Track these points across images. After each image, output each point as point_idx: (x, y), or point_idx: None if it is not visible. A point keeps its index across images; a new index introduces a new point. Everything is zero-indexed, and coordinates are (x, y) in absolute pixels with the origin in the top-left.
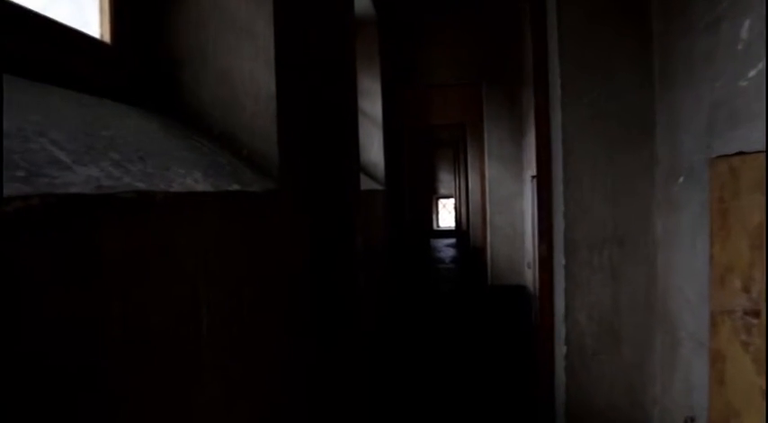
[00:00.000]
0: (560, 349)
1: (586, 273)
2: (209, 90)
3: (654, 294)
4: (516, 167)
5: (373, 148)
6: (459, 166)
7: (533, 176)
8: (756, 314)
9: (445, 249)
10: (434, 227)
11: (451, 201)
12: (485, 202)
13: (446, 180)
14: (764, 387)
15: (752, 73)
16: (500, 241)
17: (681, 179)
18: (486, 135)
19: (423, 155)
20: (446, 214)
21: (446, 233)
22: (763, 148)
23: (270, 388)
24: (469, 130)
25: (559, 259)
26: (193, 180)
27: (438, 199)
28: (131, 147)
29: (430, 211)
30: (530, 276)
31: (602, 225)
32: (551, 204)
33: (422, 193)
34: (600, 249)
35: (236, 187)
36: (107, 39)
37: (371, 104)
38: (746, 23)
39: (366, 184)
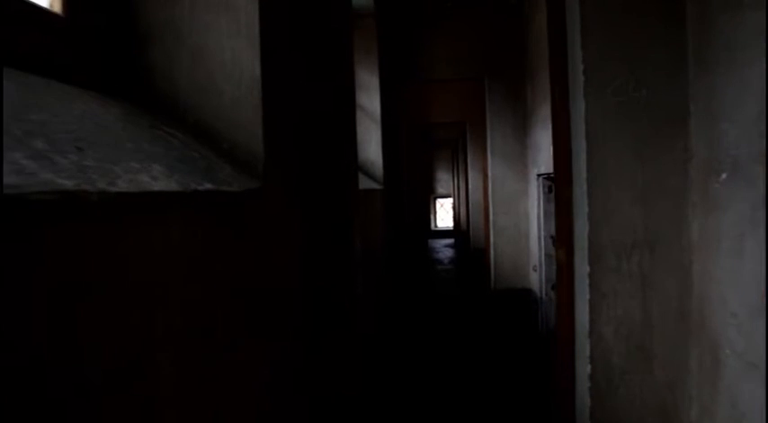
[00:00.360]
0: (583, 368)
1: (613, 281)
2: (183, 72)
3: (689, 305)
4: (520, 166)
5: (371, 145)
6: (458, 166)
7: (540, 175)
8: None
9: (443, 250)
10: (432, 227)
11: (449, 200)
12: (487, 202)
13: (444, 179)
14: None
15: None
16: (504, 243)
17: (723, 176)
18: (488, 132)
19: (421, 154)
20: (444, 214)
21: (444, 233)
22: None
23: (258, 405)
24: (470, 129)
25: (582, 267)
26: (150, 177)
27: (436, 198)
28: (69, 135)
29: (428, 210)
30: (536, 279)
31: (631, 228)
32: (571, 205)
33: (420, 193)
34: (628, 255)
35: (208, 186)
36: (58, 9)
37: (369, 100)
38: None
39: (364, 183)
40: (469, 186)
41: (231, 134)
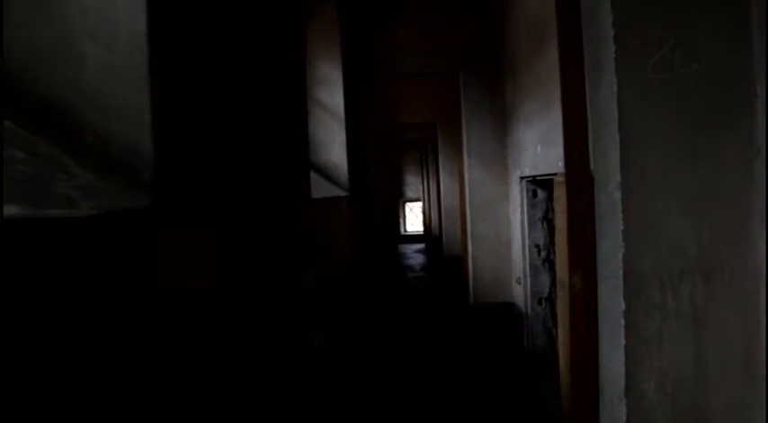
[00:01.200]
0: None
1: (657, 321)
2: (20, 26)
3: (757, 352)
4: (500, 168)
5: (335, 147)
6: (428, 168)
7: (523, 178)
8: None
9: (414, 256)
10: (402, 231)
11: (419, 204)
12: (464, 207)
13: (413, 183)
14: None
15: None
16: (483, 252)
17: None
18: (464, 131)
19: (389, 156)
20: (413, 218)
21: (414, 238)
22: None
23: None
24: (442, 129)
25: (612, 301)
26: None
27: (405, 202)
28: None
29: (397, 215)
30: (520, 292)
31: (681, 249)
32: (591, 218)
33: (389, 197)
34: (677, 285)
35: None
36: None
37: (331, 96)
38: None
39: (325, 189)
40: (441, 190)
41: (100, 121)
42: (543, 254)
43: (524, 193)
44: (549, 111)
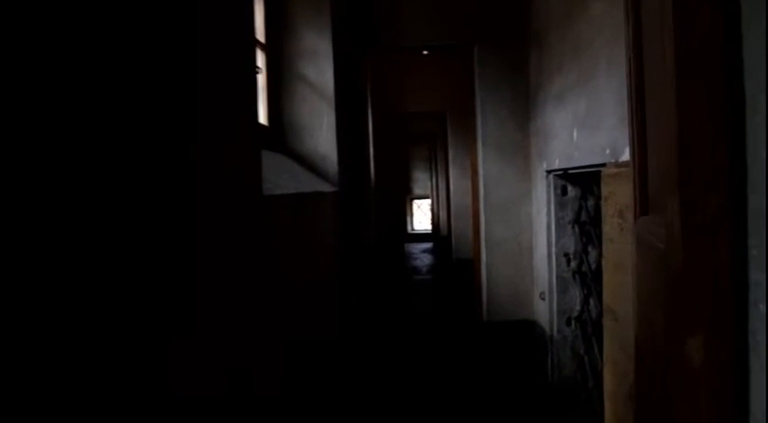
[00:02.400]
0: None
1: None
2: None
3: None
4: (521, 160)
5: (321, 133)
6: (437, 164)
7: (551, 171)
8: None
9: (421, 256)
10: (409, 230)
11: (427, 202)
12: (477, 207)
13: (421, 179)
14: None
15: None
16: (500, 260)
17: None
18: (479, 117)
19: (395, 150)
20: (421, 216)
21: (421, 237)
22: None
23: None
24: (452, 120)
25: None
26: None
27: (412, 200)
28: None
29: (404, 213)
30: (544, 310)
31: None
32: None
33: (395, 194)
34: None
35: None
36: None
37: (318, 71)
38: None
39: (306, 183)
40: (451, 187)
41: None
42: (574, 264)
43: (551, 190)
44: (592, 84)
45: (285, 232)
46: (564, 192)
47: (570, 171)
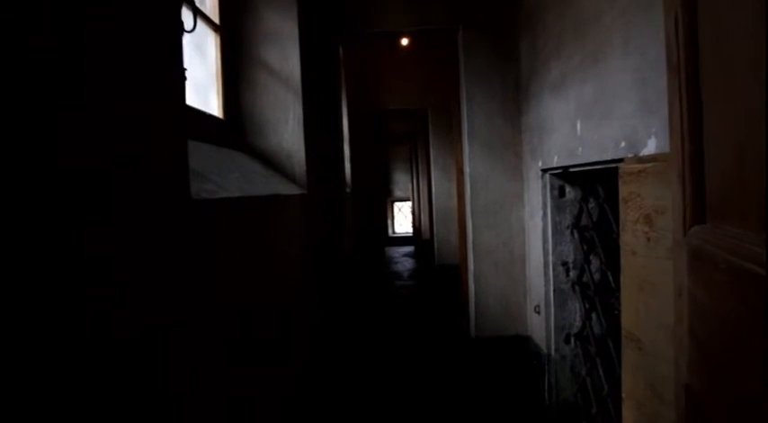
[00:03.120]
0: None
1: None
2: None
3: None
4: (512, 158)
5: (287, 128)
6: (418, 165)
7: (547, 170)
8: None
9: (402, 261)
10: (390, 233)
11: (408, 204)
12: (463, 210)
13: (402, 181)
14: None
15: None
16: (489, 270)
17: None
18: (464, 110)
19: (374, 151)
20: (402, 219)
21: (403, 240)
22: None
23: None
24: (434, 118)
25: None
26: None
27: (393, 202)
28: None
29: (385, 216)
30: (539, 325)
31: None
32: None
33: (374, 197)
34: None
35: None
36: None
37: (282, 57)
38: None
39: (259, 185)
40: (433, 189)
41: None
42: (573, 274)
43: (547, 191)
44: (600, 67)
45: (229, 245)
46: (561, 193)
47: (572, 169)
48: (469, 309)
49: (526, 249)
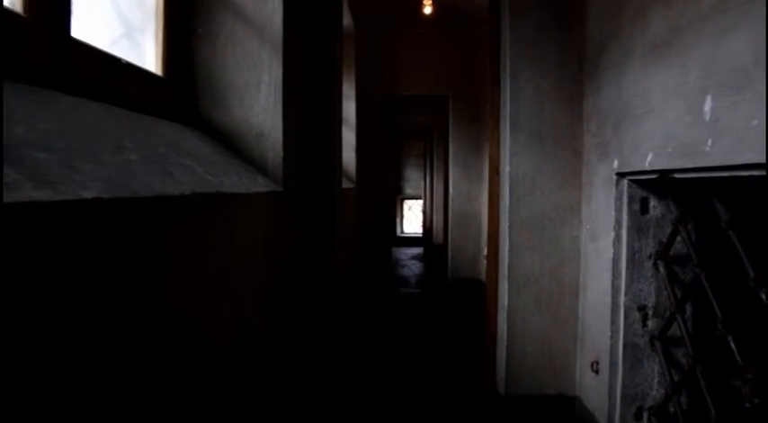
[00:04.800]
0: None
1: None
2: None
3: None
4: (568, 155)
5: (258, 94)
6: (433, 160)
7: (625, 174)
8: None
9: (410, 264)
10: (398, 232)
11: (419, 202)
12: (496, 223)
13: (413, 178)
14: None
15: None
16: (528, 305)
17: None
18: (507, 87)
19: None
20: (412, 217)
21: (411, 240)
22: None
23: None
24: (456, 106)
25: None
26: None
27: (403, 200)
28: None
29: (394, 214)
30: (595, 387)
31: None
32: None
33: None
34: None
35: None
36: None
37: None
38: None
39: (188, 177)
40: (450, 189)
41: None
42: (654, 324)
43: (623, 203)
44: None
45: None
46: (644, 208)
47: (680, 174)
48: (498, 355)
49: (581, 282)
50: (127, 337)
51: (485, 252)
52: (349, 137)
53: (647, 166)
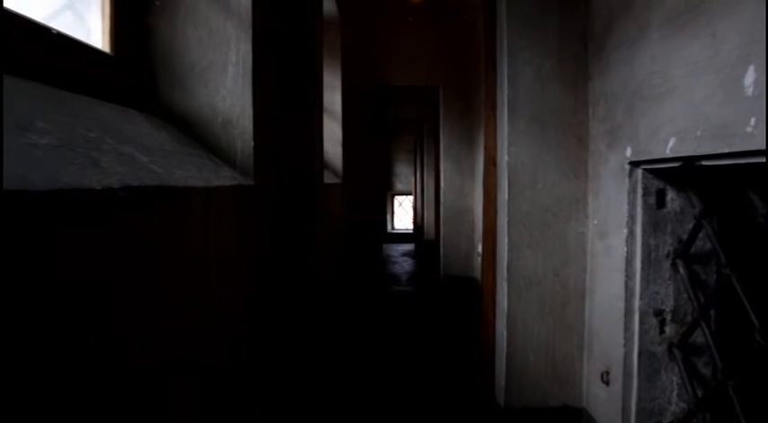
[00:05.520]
0: None
1: None
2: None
3: None
4: (572, 143)
5: (225, 75)
6: (423, 155)
7: (639, 163)
8: None
9: (401, 261)
10: (389, 229)
11: (409, 198)
12: (492, 218)
13: (403, 173)
14: None
15: None
16: (529, 309)
17: None
18: (505, 68)
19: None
20: (402, 214)
21: (402, 237)
22: None
23: None
24: (447, 97)
25: None
26: None
27: (394, 196)
28: None
29: (383, 211)
30: (606, 401)
31: None
32: None
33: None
34: None
35: None
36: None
37: None
38: None
39: (119, 168)
40: (442, 184)
41: None
42: (673, 331)
43: (638, 196)
44: None
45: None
46: (661, 201)
47: (721, 162)
48: (497, 362)
49: (588, 283)
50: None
51: (479, 249)
52: (335, 130)
53: (668, 153)
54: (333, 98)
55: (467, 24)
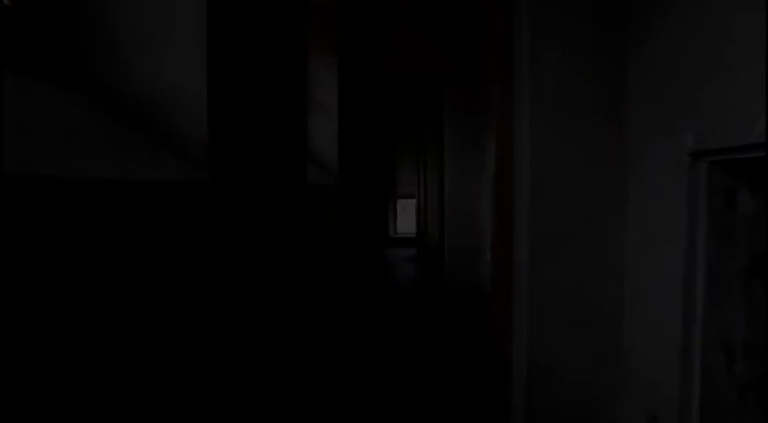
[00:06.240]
0: None
1: None
2: None
3: None
4: (611, 131)
5: (171, 43)
6: (426, 156)
7: (702, 154)
8: None
9: (404, 265)
10: (392, 233)
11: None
12: (508, 227)
13: (406, 176)
14: None
15: None
16: (555, 336)
17: None
18: (525, 40)
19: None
20: (406, 217)
21: (405, 241)
22: None
23: None
24: (452, 95)
25: None
26: None
27: (397, 199)
28: None
29: (386, 214)
30: None
31: None
32: None
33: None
34: None
35: None
36: None
37: None
38: None
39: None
40: (446, 187)
41: None
42: (743, 369)
43: (700, 197)
44: None
45: None
46: (730, 203)
47: None
48: (513, 399)
49: (628, 305)
50: None
51: (488, 257)
52: (332, 128)
53: (755, 138)
54: (329, 95)
55: (474, 17)
